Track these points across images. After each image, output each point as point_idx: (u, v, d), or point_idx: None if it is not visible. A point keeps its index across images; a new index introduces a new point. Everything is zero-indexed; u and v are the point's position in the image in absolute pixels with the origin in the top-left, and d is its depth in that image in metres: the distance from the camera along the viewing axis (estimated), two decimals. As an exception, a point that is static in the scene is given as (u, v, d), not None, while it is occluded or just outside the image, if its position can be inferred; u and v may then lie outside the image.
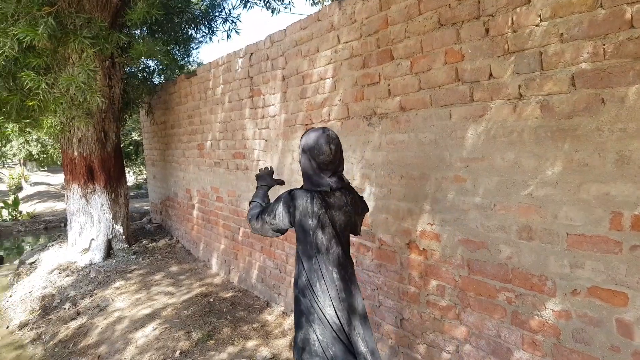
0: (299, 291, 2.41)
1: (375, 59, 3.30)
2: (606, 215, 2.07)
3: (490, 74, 2.50)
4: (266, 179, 2.80)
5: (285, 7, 8.28)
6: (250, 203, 2.66)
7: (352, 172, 3.64)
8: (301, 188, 2.42)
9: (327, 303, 2.30)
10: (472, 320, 2.76)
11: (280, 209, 2.38)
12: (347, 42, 3.58)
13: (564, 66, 2.16)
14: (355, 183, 3.62)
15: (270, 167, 2.91)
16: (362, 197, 2.67)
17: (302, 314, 2.38)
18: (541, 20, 2.23)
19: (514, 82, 2.38)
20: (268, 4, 7.96)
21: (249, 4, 7.86)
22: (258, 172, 2.87)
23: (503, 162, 2.49)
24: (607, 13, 1.99)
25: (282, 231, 2.48)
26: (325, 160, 2.33)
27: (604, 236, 2.09)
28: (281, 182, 2.83)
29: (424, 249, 3.05)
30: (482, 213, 2.63)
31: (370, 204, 3.48)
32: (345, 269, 2.41)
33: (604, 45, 2.01)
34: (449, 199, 2.82)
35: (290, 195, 2.37)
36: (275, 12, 8.07)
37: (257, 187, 2.77)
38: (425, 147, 2.95)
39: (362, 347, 2.32)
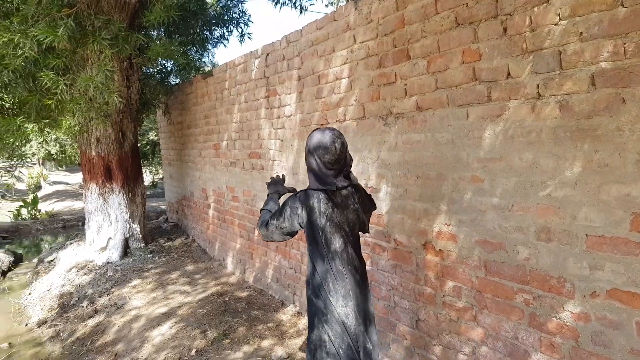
0: (311, 291, 2.43)
1: (392, 58, 3.29)
2: (627, 216, 2.04)
3: (508, 74, 2.48)
4: (277, 186, 2.81)
5: (312, 4, 8.25)
6: (261, 211, 2.66)
7: (368, 172, 3.63)
8: (307, 189, 2.43)
9: (339, 303, 2.32)
10: (489, 322, 2.74)
11: (289, 212, 2.40)
12: (363, 42, 3.58)
13: (583, 65, 2.14)
14: (371, 183, 3.62)
15: (283, 175, 2.94)
16: (370, 195, 2.69)
17: (315, 314, 2.40)
18: (560, 19, 2.21)
19: (533, 81, 2.36)
20: (297, 2, 7.94)
21: (280, 3, 7.85)
22: (269, 180, 2.88)
23: (521, 163, 2.47)
24: (627, 12, 1.96)
25: (292, 234, 2.49)
26: (330, 159, 2.34)
27: (624, 238, 2.06)
28: (292, 190, 2.80)
29: (440, 249, 3.03)
30: (500, 214, 2.60)
31: (386, 204, 3.48)
32: (357, 267, 2.42)
33: (625, 44, 1.98)
34: (466, 200, 2.80)
35: (297, 196, 2.40)
36: (303, 11, 8.05)
37: (267, 195, 2.77)
38: (442, 147, 2.94)
39: (368, 346, 2.37)
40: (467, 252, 2.84)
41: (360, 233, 2.56)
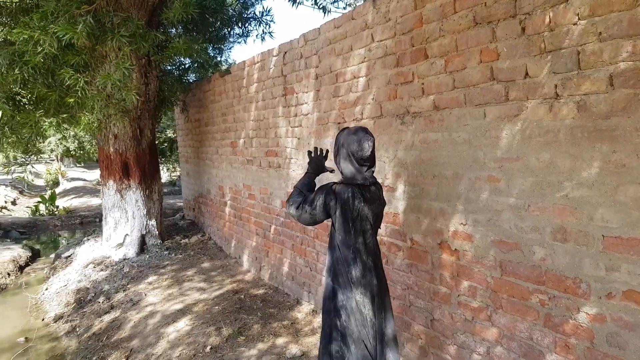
0: (332, 278, 2.56)
1: (409, 57, 3.30)
2: (645, 217, 2.03)
3: (526, 73, 2.48)
4: (317, 164, 2.81)
5: (335, 4, 8.24)
6: (294, 188, 2.71)
7: (385, 171, 3.64)
8: (340, 182, 2.55)
9: (359, 290, 2.47)
10: (504, 322, 2.74)
11: (321, 202, 2.50)
12: (381, 41, 3.59)
13: (602, 65, 2.13)
14: (387, 182, 3.63)
15: (327, 151, 2.94)
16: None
17: (332, 300, 2.54)
18: (579, 19, 2.20)
19: (551, 81, 2.36)
20: (317, 2, 7.95)
21: (297, 2, 7.86)
22: (310, 151, 2.90)
23: (538, 163, 2.46)
24: (649, 11, 1.95)
25: (319, 222, 2.59)
26: (363, 156, 2.49)
27: (642, 239, 2.05)
28: (331, 170, 2.84)
29: (455, 249, 3.03)
30: (516, 214, 2.60)
31: (402, 203, 3.49)
32: (379, 257, 2.61)
33: (646, 44, 1.97)
34: (482, 199, 2.80)
35: (332, 189, 2.51)
36: (327, 11, 8.05)
37: (305, 172, 2.80)
38: (459, 146, 2.94)
39: (389, 332, 2.55)
40: (482, 252, 2.84)
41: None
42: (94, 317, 5.57)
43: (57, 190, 21.56)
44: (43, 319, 6.07)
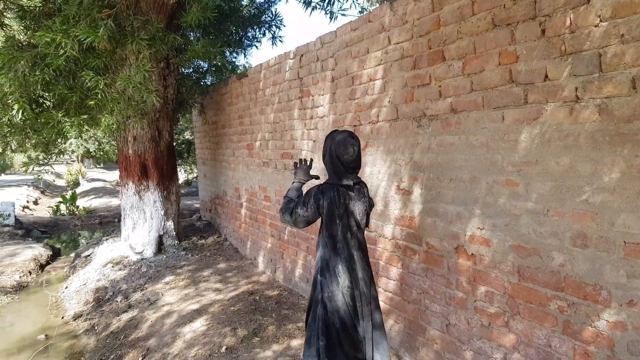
0: (319, 272, 2.73)
1: (427, 60, 3.28)
2: (668, 223, 1.98)
3: (546, 76, 2.44)
4: (303, 174, 3.02)
5: (344, 13, 8.28)
6: (284, 197, 2.89)
7: (400, 174, 3.62)
8: (326, 183, 2.75)
9: (346, 284, 2.64)
10: (522, 329, 2.70)
11: (312, 202, 2.69)
12: (397, 43, 3.57)
13: (624, 68, 2.09)
14: (403, 185, 3.60)
15: (311, 160, 3.18)
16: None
17: (320, 293, 2.69)
18: (601, 21, 2.16)
19: (571, 84, 2.32)
20: (328, 9, 7.98)
21: (311, 5, 7.89)
22: (296, 162, 3.10)
23: (558, 167, 2.42)
24: (673, 12, 1.91)
25: (311, 222, 2.76)
26: (349, 159, 2.68)
27: (665, 246, 2.00)
28: (316, 177, 3.08)
29: (472, 253, 3.00)
30: (535, 219, 2.56)
31: (418, 207, 3.46)
32: (364, 251, 2.77)
33: (670, 46, 1.92)
34: (500, 204, 2.77)
35: (320, 189, 2.70)
36: (334, 18, 8.08)
37: (293, 182, 2.99)
38: (476, 149, 2.91)
39: (377, 321, 2.71)
40: (500, 257, 2.80)
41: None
42: (112, 316, 5.64)
43: (78, 190, 21.89)
44: (63, 317, 6.15)
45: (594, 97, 2.22)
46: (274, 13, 9.15)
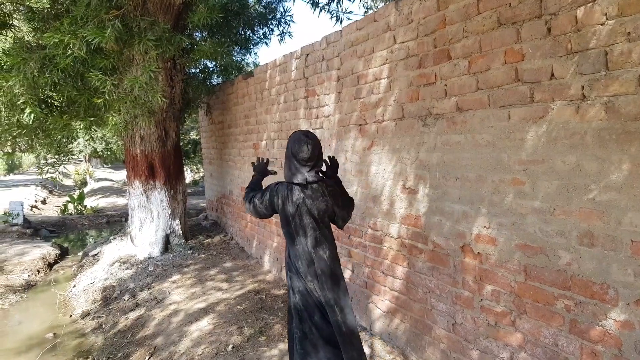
0: (287, 268, 2.88)
1: (432, 59, 3.27)
2: (675, 222, 1.97)
3: (552, 74, 2.43)
4: (261, 169, 3.25)
5: (348, 16, 8.29)
6: (247, 187, 3.12)
7: (406, 173, 3.62)
8: (281, 181, 2.88)
9: (308, 279, 2.75)
10: (528, 328, 2.69)
11: (267, 198, 2.85)
12: (403, 42, 3.57)
13: (630, 66, 2.08)
14: (409, 184, 3.60)
15: (267, 159, 3.37)
16: (347, 193, 3.01)
17: (290, 287, 2.86)
18: (607, 19, 2.15)
19: (577, 82, 2.31)
20: (334, 11, 7.99)
21: (318, 6, 7.89)
22: (254, 162, 3.31)
23: (564, 165, 2.41)
24: (680, 10, 1.90)
25: (268, 215, 2.96)
26: (303, 157, 2.72)
27: (672, 244, 1.99)
28: (274, 173, 3.31)
29: (478, 252, 2.99)
30: (541, 217, 2.55)
31: (424, 206, 3.46)
32: (324, 248, 2.79)
33: (677, 44, 1.91)
34: (507, 202, 2.76)
35: (275, 188, 2.84)
36: (339, 21, 8.09)
37: (253, 175, 3.22)
38: (482, 148, 2.90)
39: (337, 316, 2.73)
40: (506, 256, 2.79)
41: (332, 225, 2.96)
42: (120, 315, 5.67)
43: (85, 190, 22.02)
44: (71, 316, 6.19)
45: (601, 95, 2.21)
46: (284, 9, 9.14)
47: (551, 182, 2.49)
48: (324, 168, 2.97)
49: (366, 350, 3.90)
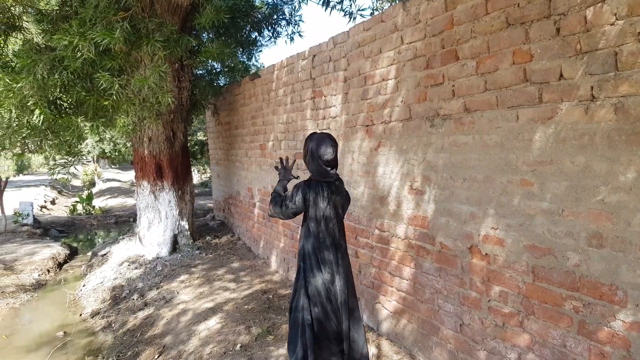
0: (302, 260, 3.07)
1: (440, 59, 3.27)
2: (685, 223, 1.96)
3: (561, 75, 2.43)
4: (286, 174, 3.43)
5: (361, 13, 8.27)
6: (273, 192, 3.30)
7: (413, 174, 3.62)
8: (310, 180, 3.10)
9: (327, 270, 2.96)
10: (536, 329, 2.68)
11: (300, 196, 3.03)
12: (410, 43, 3.57)
13: (641, 66, 2.07)
14: (416, 185, 3.60)
15: (294, 161, 3.60)
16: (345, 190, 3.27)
17: (303, 279, 3.03)
18: (617, 19, 2.14)
19: (586, 83, 2.30)
20: (347, 9, 7.99)
21: (330, 5, 7.89)
22: (277, 166, 3.51)
23: (573, 166, 2.40)
24: (690, 10, 1.89)
25: (299, 213, 3.13)
26: (329, 159, 3.02)
27: (682, 246, 1.98)
28: (297, 177, 3.51)
29: (486, 253, 2.99)
30: (549, 218, 2.55)
31: (431, 207, 3.46)
32: (342, 242, 3.08)
33: (687, 44, 1.90)
34: (515, 203, 2.75)
35: (306, 185, 3.06)
36: (352, 18, 8.08)
37: (278, 180, 3.41)
38: (490, 149, 2.90)
39: (353, 304, 3.03)
40: (514, 257, 2.78)
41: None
42: (129, 314, 5.71)
43: (94, 190, 22.15)
44: (80, 315, 6.24)
45: (610, 96, 2.20)
46: (292, 9, 9.12)
47: (560, 183, 2.48)
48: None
49: (373, 350, 3.90)
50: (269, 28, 9.02)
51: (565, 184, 2.45)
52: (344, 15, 7.97)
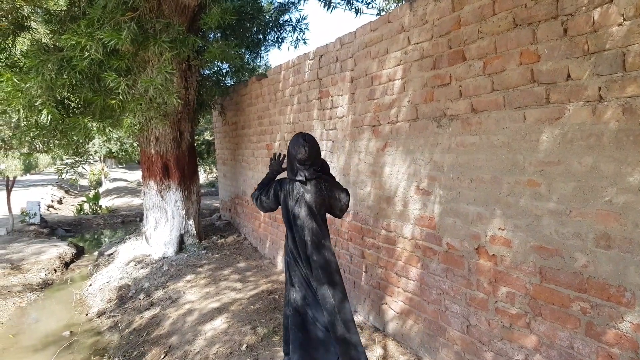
0: (285, 254, 3.28)
1: (447, 59, 3.27)
2: (694, 224, 1.95)
3: (568, 75, 2.42)
4: (275, 166, 3.51)
5: (368, 6, 8.26)
6: (257, 185, 3.46)
7: (420, 174, 3.61)
8: (285, 178, 3.24)
9: (302, 264, 3.14)
10: (543, 330, 2.68)
11: (272, 192, 3.25)
12: (417, 43, 3.56)
13: (649, 67, 2.06)
14: (422, 185, 3.60)
15: (284, 155, 3.48)
16: (345, 189, 3.33)
17: (287, 272, 3.29)
18: (624, 20, 2.14)
19: (594, 83, 2.29)
20: (351, 4, 7.99)
21: (332, 5, 7.90)
22: (271, 157, 3.57)
23: (580, 167, 2.40)
24: (699, 10, 1.88)
25: (273, 209, 3.36)
26: (301, 157, 3.08)
27: (691, 247, 1.97)
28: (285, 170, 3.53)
29: (493, 254, 2.98)
30: (557, 219, 2.54)
31: (438, 207, 3.45)
32: (319, 238, 3.13)
33: (696, 44, 1.89)
34: (522, 204, 2.75)
35: (279, 183, 3.24)
36: (359, 13, 8.08)
37: (267, 173, 3.51)
38: (497, 149, 2.89)
39: (337, 299, 3.10)
40: (522, 258, 2.78)
41: (331, 216, 3.41)
42: (135, 313, 5.73)
43: (100, 190, 22.25)
44: (87, 314, 6.27)
45: (618, 96, 2.19)
46: (300, 15, 9.16)
47: (567, 183, 2.47)
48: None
49: (379, 351, 3.90)
50: (274, 31, 9.04)
51: (573, 184, 2.44)
52: (350, 9, 7.98)
